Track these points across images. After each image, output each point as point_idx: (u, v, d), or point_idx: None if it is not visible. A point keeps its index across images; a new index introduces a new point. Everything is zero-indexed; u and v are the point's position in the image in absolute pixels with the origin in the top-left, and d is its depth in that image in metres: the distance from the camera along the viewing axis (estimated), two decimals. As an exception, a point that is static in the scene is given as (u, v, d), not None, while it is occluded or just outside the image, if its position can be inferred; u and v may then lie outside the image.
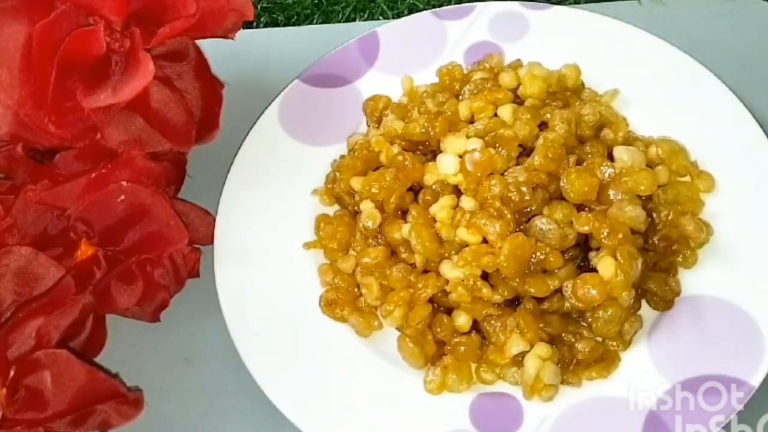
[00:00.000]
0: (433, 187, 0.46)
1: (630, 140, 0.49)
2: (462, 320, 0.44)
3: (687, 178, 0.48)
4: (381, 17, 0.61)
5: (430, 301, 0.45)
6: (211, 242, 0.49)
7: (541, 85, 0.49)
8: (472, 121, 0.49)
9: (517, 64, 0.52)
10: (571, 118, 0.47)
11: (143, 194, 0.45)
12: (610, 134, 0.48)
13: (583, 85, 0.52)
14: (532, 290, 0.43)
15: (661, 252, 0.45)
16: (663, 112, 0.50)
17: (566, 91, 0.51)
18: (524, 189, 0.44)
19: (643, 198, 0.45)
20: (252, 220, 0.49)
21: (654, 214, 0.46)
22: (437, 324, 0.45)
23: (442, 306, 0.45)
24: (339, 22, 0.62)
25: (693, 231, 0.45)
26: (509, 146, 0.45)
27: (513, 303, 0.44)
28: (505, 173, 0.45)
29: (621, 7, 0.58)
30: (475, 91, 0.50)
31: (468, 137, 0.46)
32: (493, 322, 0.44)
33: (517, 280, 0.43)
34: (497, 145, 0.46)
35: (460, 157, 0.45)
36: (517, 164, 0.45)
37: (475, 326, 0.45)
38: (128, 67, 0.43)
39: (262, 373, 0.44)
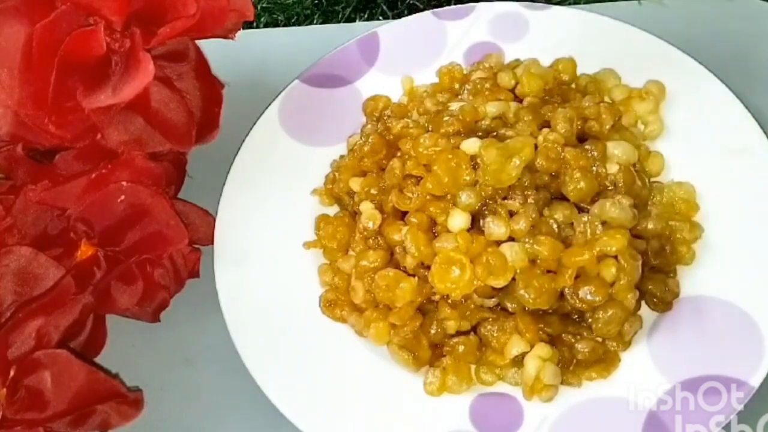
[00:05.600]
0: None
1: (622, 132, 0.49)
2: (450, 325, 0.44)
3: (671, 178, 0.48)
4: (381, 17, 0.61)
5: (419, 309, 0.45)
6: (211, 242, 0.49)
7: (539, 83, 0.49)
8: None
9: (515, 64, 0.52)
10: (573, 117, 0.47)
11: (143, 194, 0.45)
12: (595, 126, 0.48)
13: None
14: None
15: (656, 251, 0.45)
16: (662, 112, 0.50)
17: (563, 84, 0.51)
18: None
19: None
20: (252, 220, 0.49)
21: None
22: (430, 325, 0.44)
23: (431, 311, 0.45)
24: (339, 22, 0.62)
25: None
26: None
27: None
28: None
29: (621, 7, 0.58)
30: (474, 91, 0.50)
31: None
32: (489, 326, 0.43)
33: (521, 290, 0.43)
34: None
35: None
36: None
37: (474, 327, 0.45)
38: (128, 67, 0.43)
39: (262, 373, 0.44)
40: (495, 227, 0.43)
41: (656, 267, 0.45)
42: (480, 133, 0.47)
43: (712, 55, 0.52)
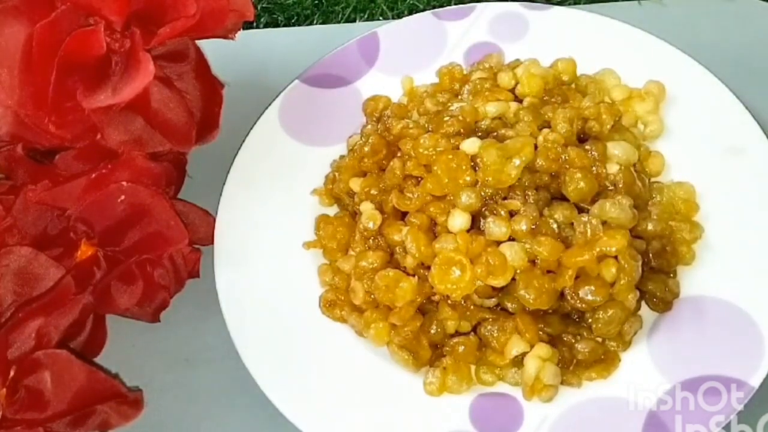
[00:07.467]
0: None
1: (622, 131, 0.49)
2: (450, 325, 0.44)
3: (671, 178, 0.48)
4: (381, 18, 0.61)
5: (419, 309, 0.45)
6: (211, 242, 0.49)
7: (539, 83, 0.49)
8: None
9: (515, 64, 0.52)
10: (573, 117, 0.47)
11: (143, 194, 0.45)
12: (595, 126, 0.48)
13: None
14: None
15: (656, 251, 0.45)
16: (662, 112, 0.50)
17: (563, 84, 0.51)
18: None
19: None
20: (252, 220, 0.49)
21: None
22: (430, 325, 0.44)
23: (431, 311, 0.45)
24: (339, 22, 0.62)
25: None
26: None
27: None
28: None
29: (621, 7, 0.58)
30: (474, 92, 0.50)
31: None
32: (489, 326, 0.43)
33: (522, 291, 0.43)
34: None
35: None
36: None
37: (474, 327, 0.44)
38: (128, 67, 0.43)
39: (262, 373, 0.44)
40: (495, 227, 0.43)
41: (656, 267, 0.45)
42: (480, 134, 0.47)
43: (712, 55, 0.52)
